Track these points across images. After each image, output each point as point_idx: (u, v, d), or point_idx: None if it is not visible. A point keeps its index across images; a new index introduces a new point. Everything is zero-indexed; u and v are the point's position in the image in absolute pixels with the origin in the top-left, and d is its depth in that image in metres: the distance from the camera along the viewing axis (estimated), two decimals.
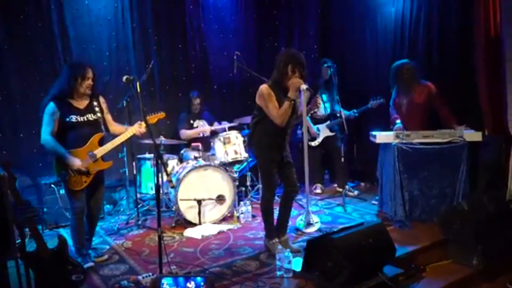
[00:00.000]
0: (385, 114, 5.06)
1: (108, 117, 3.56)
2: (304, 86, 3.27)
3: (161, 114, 3.77)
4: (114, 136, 3.53)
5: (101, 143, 3.40)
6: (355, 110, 5.08)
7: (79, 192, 3.32)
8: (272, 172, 3.52)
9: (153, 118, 3.69)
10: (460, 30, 4.63)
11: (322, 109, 5.38)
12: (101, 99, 3.51)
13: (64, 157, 3.21)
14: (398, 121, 4.52)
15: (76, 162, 3.23)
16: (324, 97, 5.37)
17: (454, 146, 3.99)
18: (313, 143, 5.42)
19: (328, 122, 5.36)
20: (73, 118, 3.27)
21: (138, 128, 3.48)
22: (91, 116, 3.37)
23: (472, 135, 4.03)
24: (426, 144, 4.03)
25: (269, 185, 3.56)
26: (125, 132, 3.47)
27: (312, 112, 5.21)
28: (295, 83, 3.26)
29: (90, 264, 3.31)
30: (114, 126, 3.60)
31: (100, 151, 3.36)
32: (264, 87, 3.36)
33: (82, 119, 3.31)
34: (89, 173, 3.31)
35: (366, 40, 5.90)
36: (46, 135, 3.23)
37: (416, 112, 4.42)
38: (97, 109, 3.42)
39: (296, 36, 6.38)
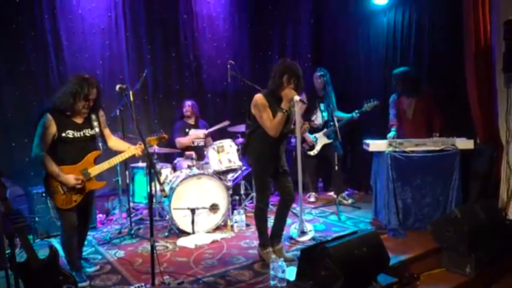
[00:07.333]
0: (378, 122, 5.10)
1: (107, 131, 3.45)
2: (297, 97, 3.26)
3: (164, 136, 3.60)
4: (112, 150, 3.45)
5: (97, 161, 3.25)
6: (356, 111, 5.09)
7: (69, 210, 3.17)
8: (266, 181, 3.52)
9: (154, 140, 3.54)
10: (451, 39, 4.68)
11: (320, 117, 5.41)
12: (100, 112, 3.37)
13: (58, 176, 3.06)
14: (393, 129, 4.58)
15: (71, 180, 3.08)
16: (322, 106, 5.39)
17: (446, 154, 4.03)
18: (311, 152, 5.43)
19: (324, 130, 5.38)
20: (70, 133, 3.13)
21: (140, 150, 3.31)
22: (88, 132, 3.23)
23: (464, 143, 4.07)
24: (419, 152, 4.07)
25: (263, 194, 3.56)
26: (123, 153, 3.33)
27: (309, 122, 5.28)
28: (288, 94, 3.26)
29: (85, 283, 3.18)
30: (113, 141, 3.48)
31: (94, 170, 3.20)
32: (258, 97, 3.36)
33: (78, 135, 3.17)
34: (82, 192, 3.18)
35: (358, 49, 5.96)
36: (39, 150, 3.06)
37: (421, 118, 4.57)
38: (95, 123, 3.27)
39: (289, 45, 6.43)
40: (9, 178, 4.14)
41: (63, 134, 3.12)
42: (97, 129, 3.29)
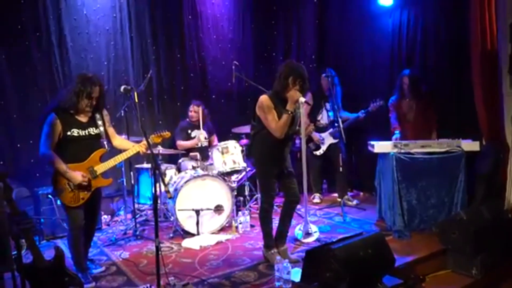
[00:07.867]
0: (383, 123, 5.09)
1: (111, 130, 3.48)
2: (302, 99, 3.26)
3: (166, 134, 3.64)
4: (117, 149, 3.46)
5: (102, 159, 3.30)
6: (363, 111, 5.09)
7: (76, 208, 3.21)
8: (271, 182, 3.52)
9: (157, 137, 3.57)
10: (457, 41, 4.66)
11: (325, 117, 5.40)
12: (104, 112, 3.42)
13: (65, 173, 3.11)
14: (397, 131, 4.58)
15: (78, 177, 3.13)
16: (328, 105, 5.38)
17: (452, 156, 4.02)
18: (317, 152, 5.42)
19: (330, 130, 5.37)
20: (75, 132, 3.18)
21: (144, 147, 3.37)
22: (93, 130, 3.28)
23: (470, 145, 4.06)
24: (424, 154, 4.05)
25: (267, 195, 3.56)
26: (128, 150, 3.38)
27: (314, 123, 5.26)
28: (293, 96, 3.26)
29: (91, 285, 3.20)
30: (118, 140, 3.52)
31: (100, 168, 3.26)
32: (264, 98, 3.36)
33: (83, 133, 3.22)
34: (89, 189, 3.22)
35: (363, 50, 5.94)
36: (46, 149, 3.11)
37: (423, 121, 4.60)
38: (99, 122, 3.32)
39: (293, 46, 6.43)
40: (14, 180, 4.15)
41: (68, 133, 3.17)
42: (101, 128, 3.33)
